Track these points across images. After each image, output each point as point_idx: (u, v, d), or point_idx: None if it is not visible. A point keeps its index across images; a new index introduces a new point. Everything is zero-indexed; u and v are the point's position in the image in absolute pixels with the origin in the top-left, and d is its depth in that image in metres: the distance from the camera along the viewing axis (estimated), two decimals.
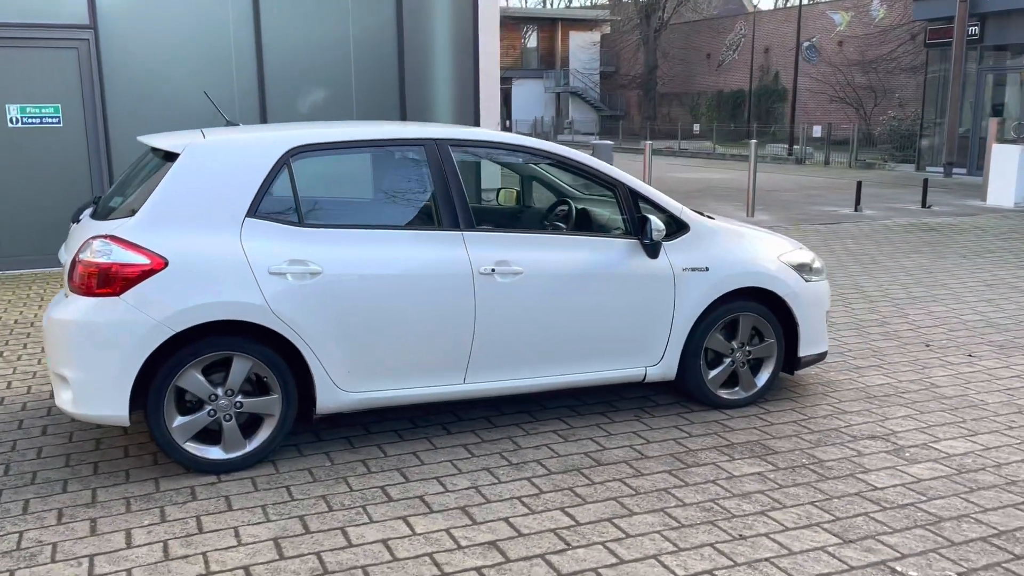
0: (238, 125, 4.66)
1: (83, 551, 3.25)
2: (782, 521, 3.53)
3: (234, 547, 3.28)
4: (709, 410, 4.84)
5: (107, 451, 4.24)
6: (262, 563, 3.17)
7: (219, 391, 3.89)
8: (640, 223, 4.51)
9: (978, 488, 3.85)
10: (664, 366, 4.70)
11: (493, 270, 4.24)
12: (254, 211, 3.96)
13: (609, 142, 14.30)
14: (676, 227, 4.70)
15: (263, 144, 4.05)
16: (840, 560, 3.22)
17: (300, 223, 4.02)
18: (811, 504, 3.69)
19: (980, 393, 5.14)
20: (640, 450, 4.28)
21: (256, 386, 4.00)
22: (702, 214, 5.18)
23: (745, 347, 4.86)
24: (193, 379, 3.84)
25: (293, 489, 3.80)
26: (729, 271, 4.70)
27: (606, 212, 4.89)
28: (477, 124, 10.66)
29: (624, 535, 3.41)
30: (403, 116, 10.20)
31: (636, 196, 4.64)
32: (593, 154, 18.14)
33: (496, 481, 3.90)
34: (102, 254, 3.73)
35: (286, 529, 3.43)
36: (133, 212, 3.87)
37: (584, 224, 4.91)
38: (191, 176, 3.92)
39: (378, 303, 4.06)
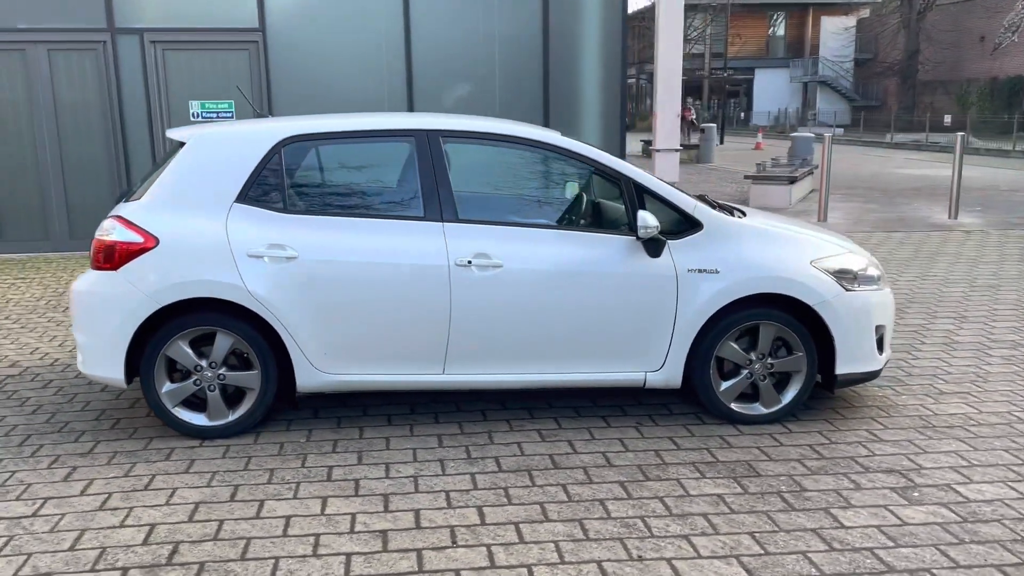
0: (268, 117, 4.97)
1: (44, 493, 3.69)
2: (700, 547, 3.23)
3: (159, 505, 3.57)
4: (723, 424, 4.49)
5: (137, 409, 4.72)
6: (169, 523, 3.42)
7: (204, 363, 4.21)
8: (633, 219, 4.27)
9: (969, 541, 3.28)
10: (666, 373, 4.41)
11: (470, 262, 4.21)
12: (244, 197, 4.23)
13: (810, 134, 13.42)
14: (688, 225, 4.39)
15: (257, 134, 4.31)
16: None
17: (284, 209, 4.24)
18: (750, 534, 3.34)
19: None
20: (610, 458, 4.07)
21: (241, 361, 4.28)
22: (733, 211, 4.79)
23: (766, 359, 4.43)
24: (180, 350, 4.19)
25: (254, 460, 4.04)
26: (744, 275, 4.32)
27: (620, 208, 4.66)
28: (623, 119, 10.45)
29: (518, 540, 3.29)
30: (546, 111, 10.23)
31: (641, 191, 4.39)
32: (792, 146, 17.10)
33: (440, 474, 3.90)
34: (108, 232, 4.18)
35: (215, 495, 3.67)
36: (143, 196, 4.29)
37: (596, 220, 4.71)
38: (192, 163, 4.27)
39: (353, 289, 4.18)
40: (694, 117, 35.80)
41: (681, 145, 26.24)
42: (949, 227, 11.51)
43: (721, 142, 36.44)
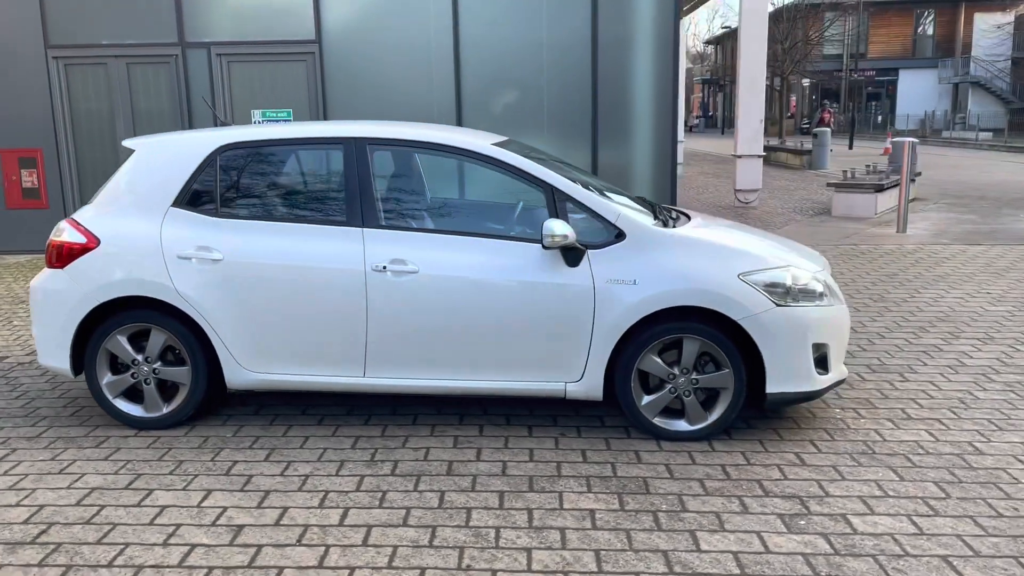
0: (230, 125, 5.22)
1: None
2: (535, 562, 3.18)
3: (60, 488, 3.84)
4: (647, 439, 4.36)
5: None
6: (57, 506, 3.67)
7: (140, 357, 4.49)
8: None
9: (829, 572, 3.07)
10: (586, 384, 4.33)
11: (385, 267, 4.29)
12: (179, 201, 4.48)
13: (914, 140, 12.71)
14: (612, 235, 4.30)
15: (196, 142, 4.55)
16: None
17: (216, 214, 4.46)
18: (595, 552, 3.25)
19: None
20: (509, 467, 4.04)
21: (175, 357, 4.53)
22: (679, 217, 4.66)
23: (691, 374, 4.28)
24: (119, 345, 4.48)
25: (172, 452, 4.27)
26: (663, 287, 4.18)
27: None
28: (675, 127, 10.21)
29: (361, 543, 3.33)
30: (594, 119, 10.14)
31: (565, 199, 4.33)
32: (892, 152, 16.13)
33: (332, 474, 3.99)
34: (60, 233, 4.52)
35: (115, 483, 3.90)
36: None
37: (522, 228, 4.65)
38: (137, 169, 4.56)
39: (274, 291, 4.35)
40: (832, 121, 34.32)
41: (793, 150, 25.26)
42: None
43: (851, 147, 34.82)
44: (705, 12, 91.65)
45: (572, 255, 4.25)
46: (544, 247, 4.15)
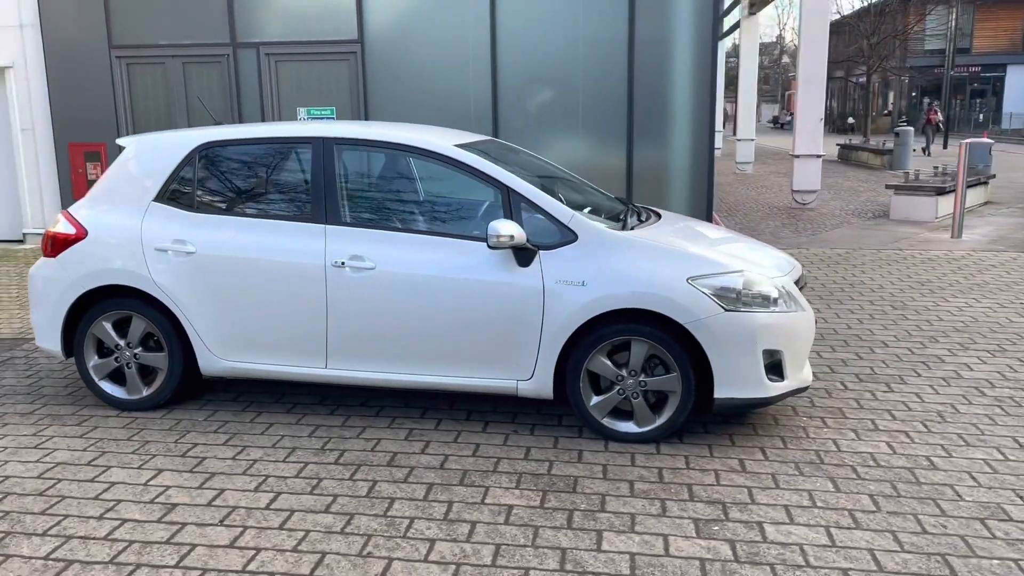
0: (221, 125, 5.46)
1: None
2: (434, 552, 3.28)
3: (28, 462, 4.15)
4: (596, 439, 4.39)
5: None
6: (16, 478, 3.97)
7: (123, 342, 4.77)
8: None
9: None
10: (537, 383, 4.39)
11: (343, 263, 4.45)
12: (160, 197, 4.74)
13: (990, 141, 12.24)
14: (565, 236, 4.34)
15: (178, 141, 4.81)
16: None
17: (192, 209, 4.70)
18: (496, 545, 3.32)
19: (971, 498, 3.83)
20: (449, 461, 4.14)
21: (155, 343, 4.80)
22: (649, 216, 4.69)
23: (640, 377, 4.28)
24: (104, 330, 4.78)
25: (142, 432, 4.53)
26: (610, 289, 4.21)
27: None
28: (712, 126, 10.06)
29: (278, 527, 3.49)
30: (630, 117, 10.08)
31: (519, 199, 4.40)
32: (971, 152, 15.43)
33: (280, 460, 4.17)
34: (55, 224, 4.85)
35: (78, 459, 4.18)
36: None
37: (480, 227, 4.70)
38: (126, 166, 4.85)
39: (243, 283, 4.56)
40: (940, 120, 32.94)
41: (873, 149, 24.34)
42: None
43: (945, 146, 33.36)
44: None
45: (523, 255, 4.32)
46: (489, 247, 4.22)
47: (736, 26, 24.12)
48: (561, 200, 4.50)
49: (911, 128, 23.02)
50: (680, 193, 10.17)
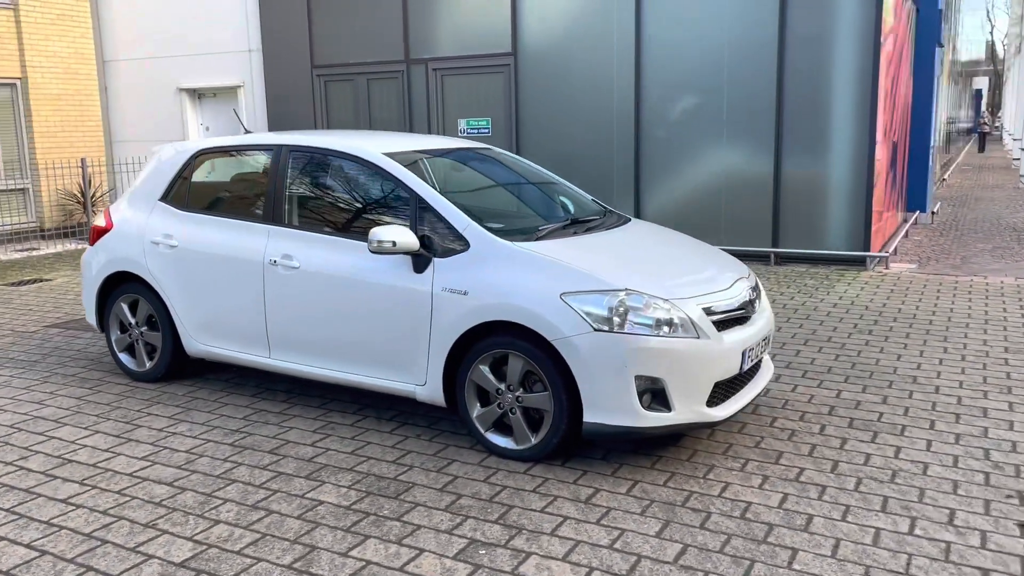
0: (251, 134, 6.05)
1: None
2: (196, 528, 3.51)
3: (23, 420, 4.96)
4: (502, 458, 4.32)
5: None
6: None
7: (133, 321, 5.53)
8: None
9: None
10: (429, 389, 4.42)
11: (276, 262, 4.80)
12: (164, 197, 5.43)
13: None
14: (461, 244, 4.33)
15: (183, 148, 5.46)
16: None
17: (184, 208, 5.32)
18: (256, 533, 3.47)
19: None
20: (319, 457, 4.31)
21: (156, 324, 5.50)
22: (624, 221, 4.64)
23: (518, 392, 4.15)
24: (122, 310, 5.57)
25: (125, 401, 5.22)
26: (486, 299, 4.13)
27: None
28: (872, 132, 8.99)
29: (105, 487, 3.92)
30: (778, 122, 9.33)
31: (425, 207, 4.46)
32: None
33: (189, 436, 4.61)
34: (99, 218, 5.74)
35: (80, 422, 4.92)
36: None
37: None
38: (149, 169, 5.61)
39: (207, 275, 5.10)
40: None
41: None
42: None
43: None
44: None
45: (419, 261, 4.37)
46: (370, 251, 4.32)
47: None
48: (470, 209, 4.48)
49: None
50: (838, 205, 9.26)
